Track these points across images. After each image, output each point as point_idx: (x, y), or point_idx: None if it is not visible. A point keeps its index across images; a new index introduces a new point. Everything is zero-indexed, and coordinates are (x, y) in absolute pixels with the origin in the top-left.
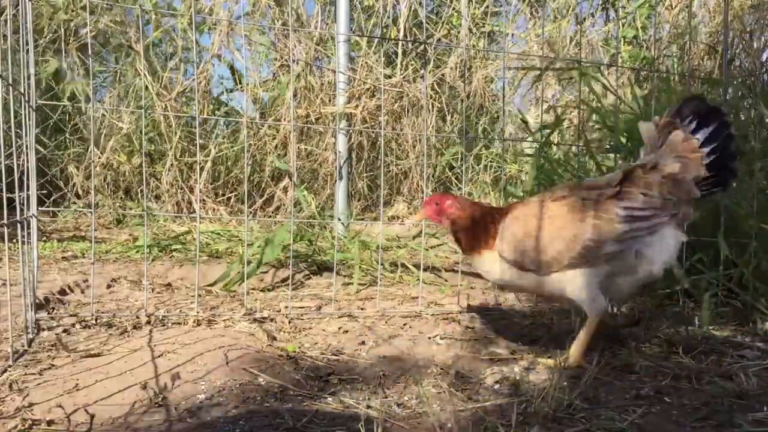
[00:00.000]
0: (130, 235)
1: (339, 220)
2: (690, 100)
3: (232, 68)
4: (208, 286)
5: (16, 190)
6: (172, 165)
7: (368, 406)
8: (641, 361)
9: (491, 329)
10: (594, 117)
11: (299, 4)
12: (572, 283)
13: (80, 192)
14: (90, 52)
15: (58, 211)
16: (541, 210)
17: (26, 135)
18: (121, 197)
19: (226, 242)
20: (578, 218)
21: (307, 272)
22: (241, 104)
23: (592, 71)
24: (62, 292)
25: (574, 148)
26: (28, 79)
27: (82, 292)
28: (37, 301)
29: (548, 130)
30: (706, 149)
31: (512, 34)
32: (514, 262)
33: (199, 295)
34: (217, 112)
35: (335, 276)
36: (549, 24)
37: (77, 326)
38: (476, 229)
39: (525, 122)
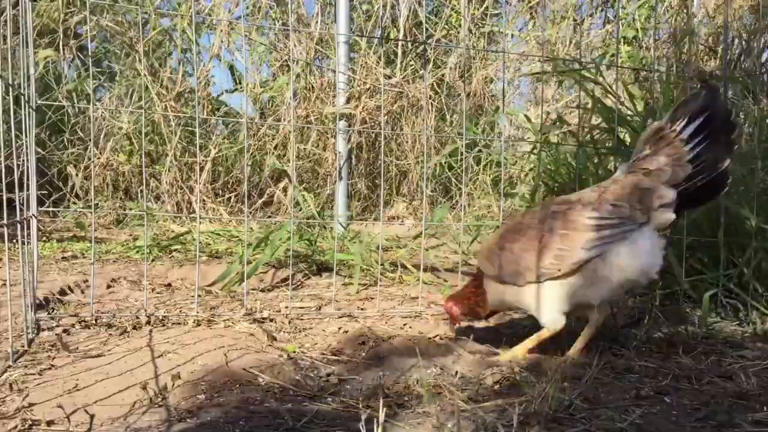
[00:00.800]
0: (130, 235)
1: (339, 221)
2: (687, 100)
3: (231, 68)
4: (208, 286)
5: (16, 190)
6: (171, 165)
7: (368, 406)
8: (641, 361)
9: (491, 329)
10: (594, 119)
11: (299, 4)
12: (544, 295)
13: (80, 192)
14: (89, 52)
15: (58, 212)
16: (512, 225)
17: (26, 135)
18: (121, 197)
19: (226, 242)
20: (547, 229)
21: (306, 272)
22: (241, 104)
23: (592, 72)
24: (62, 292)
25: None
26: (28, 79)
27: (82, 292)
28: (37, 301)
29: (547, 132)
30: (691, 144)
31: (512, 35)
32: (494, 276)
33: (199, 296)
34: (216, 112)
35: (335, 276)
36: (548, 24)
37: (77, 326)
38: (477, 295)
39: (528, 119)
